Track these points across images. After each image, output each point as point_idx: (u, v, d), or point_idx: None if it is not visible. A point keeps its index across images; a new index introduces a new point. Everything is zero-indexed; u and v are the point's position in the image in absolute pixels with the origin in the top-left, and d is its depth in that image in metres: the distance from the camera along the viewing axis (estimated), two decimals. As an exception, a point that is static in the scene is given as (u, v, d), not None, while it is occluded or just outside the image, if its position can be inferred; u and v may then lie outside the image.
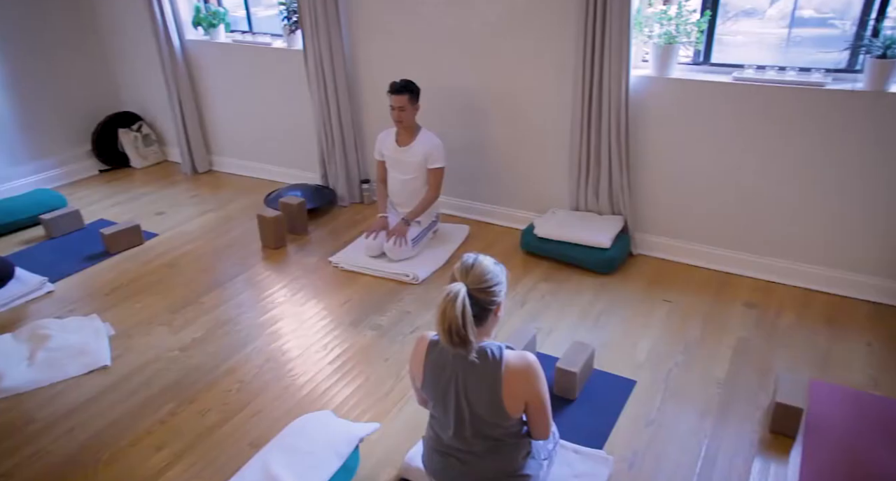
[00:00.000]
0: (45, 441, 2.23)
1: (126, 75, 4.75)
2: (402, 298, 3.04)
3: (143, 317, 2.94)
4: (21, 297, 3.07)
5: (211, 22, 4.22)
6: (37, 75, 4.29)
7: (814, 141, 2.78)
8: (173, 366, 2.61)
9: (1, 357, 2.58)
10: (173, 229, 3.83)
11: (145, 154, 4.79)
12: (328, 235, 3.70)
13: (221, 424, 2.29)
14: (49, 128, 4.43)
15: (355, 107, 3.90)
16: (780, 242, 3.02)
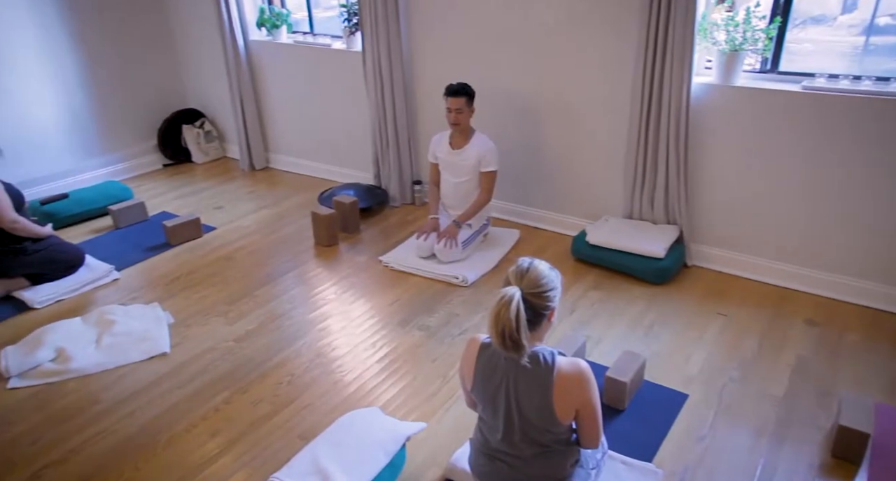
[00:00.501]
0: (109, 421, 2.33)
1: (192, 74, 4.93)
2: (451, 300, 3.05)
3: (201, 308, 3.04)
4: (90, 283, 3.23)
5: (274, 23, 4.34)
6: (112, 74, 4.49)
7: (889, 152, 2.65)
8: (228, 356, 2.69)
9: (70, 339, 2.72)
10: (230, 223, 3.95)
11: (206, 150, 4.96)
12: (379, 235, 3.75)
13: (272, 415, 2.35)
14: (120, 124, 4.63)
15: (410, 108, 3.94)
16: (847, 259, 2.89)
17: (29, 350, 2.63)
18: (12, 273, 3.10)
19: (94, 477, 2.09)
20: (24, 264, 3.10)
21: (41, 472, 2.11)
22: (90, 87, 4.40)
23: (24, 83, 4.04)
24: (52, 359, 2.62)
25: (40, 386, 2.52)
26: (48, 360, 2.61)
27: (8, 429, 2.29)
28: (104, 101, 4.50)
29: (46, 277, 3.16)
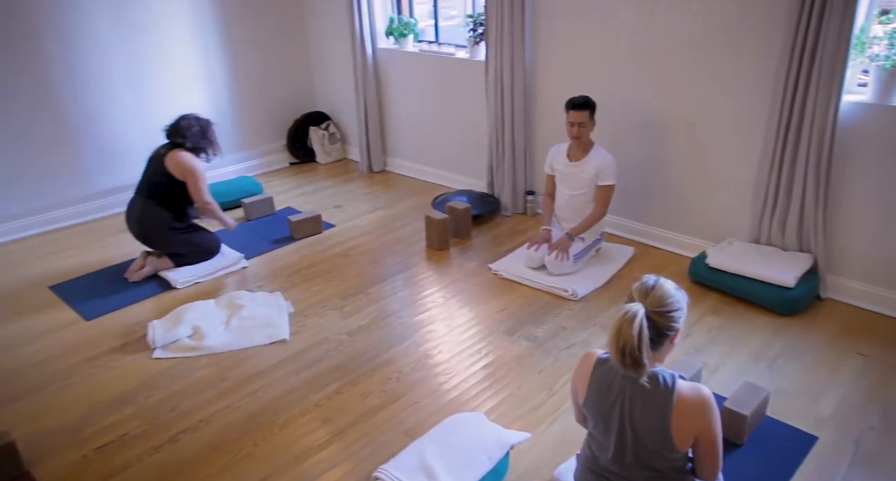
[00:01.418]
0: (234, 397, 2.53)
1: (322, 78, 5.24)
2: (560, 313, 3.02)
3: (318, 300, 3.22)
4: (223, 269, 3.51)
5: (402, 32, 4.52)
6: (253, 77, 4.87)
7: None
8: (341, 348, 2.83)
9: (205, 318, 2.97)
10: (348, 222, 4.14)
11: (329, 151, 5.24)
12: (489, 242, 3.79)
13: (380, 409, 2.44)
14: (256, 124, 5.00)
15: (529, 119, 3.95)
16: None
17: (171, 325, 2.91)
18: (162, 249, 3.44)
19: (220, 447, 2.27)
20: (171, 242, 3.42)
21: (178, 437, 2.32)
22: (234, 89, 4.79)
23: (181, 81, 4.47)
24: (189, 336, 2.88)
25: (178, 359, 2.77)
26: (186, 336, 2.87)
27: (152, 394, 2.54)
28: (245, 101, 4.88)
29: (186, 260, 3.47)
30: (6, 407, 2.49)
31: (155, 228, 3.39)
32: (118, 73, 4.14)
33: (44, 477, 2.15)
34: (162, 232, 3.40)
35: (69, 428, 2.37)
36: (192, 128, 3.39)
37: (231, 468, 2.18)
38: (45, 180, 4.00)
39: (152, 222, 3.38)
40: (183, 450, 2.26)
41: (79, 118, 4.04)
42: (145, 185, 3.40)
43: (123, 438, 2.32)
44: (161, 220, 3.39)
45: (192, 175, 3.34)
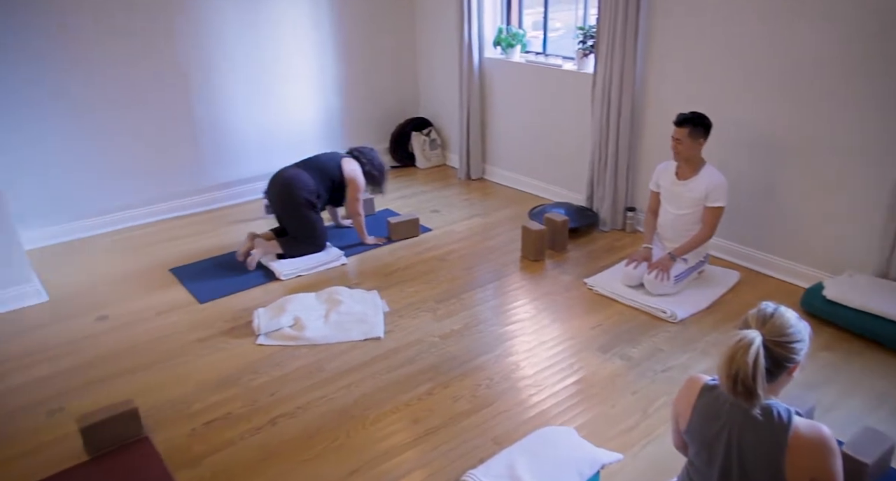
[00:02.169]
0: (329, 389, 2.63)
1: (427, 85, 5.37)
2: (657, 334, 2.92)
3: (413, 301, 3.29)
4: (324, 264, 3.67)
5: (510, 42, 4.55)
6: (362, 81, 5.07)
7: None
8: (433, 350, 2.87)
9: (306, 310, 3.11)
10: (445, 227, 4.21)
11: (429, 156, 5.35)
12: (586, 257, 3.73)
13: (469, 414, 2.46)
14: (361, 126, 5.20)
15: (635, 134, 3.86)
16: None
17: (274, 314, 3.07)
18: (285, 218, 3.66)
19: (315, 434, 2.37)
20: (298, 214, 3.62)
21: (277, 420, 2.44)
22: (344, 92, 5.00)
23: (297, 84, 4.72)
24: (290, 325, 3.02)
25: (280, 347, 2.92)
26: (288, 326, 3.02)
27: (255, 378, 2.70)
28: (353, 105, 5.08)
29: (294, 244, 3.65)
30: (129, 376, 2.72)
31: (299, 191, 3.59)
32: (240, 76, 4.43)
33: (158, 444, 2.32)
34: (300, 197, 3.59)
35: (180, 402, 2.55)
36: (375, 160, 3.91)
37: (325, 456, 2.26)
38: (170, 172, 4.34)
39: (301, 184, 3.60)
40: (281, 434, 2.37)
41: (204, 117, 4.36)
42: (314, 163, 3.72)
43: (228, 416, 2.47)
44: (309, 187, 3.62)
45: (353, 185, 3.77)
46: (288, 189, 3.62)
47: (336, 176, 3.76)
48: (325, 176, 3.73)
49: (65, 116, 3.83)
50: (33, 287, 3.31)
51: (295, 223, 3.67)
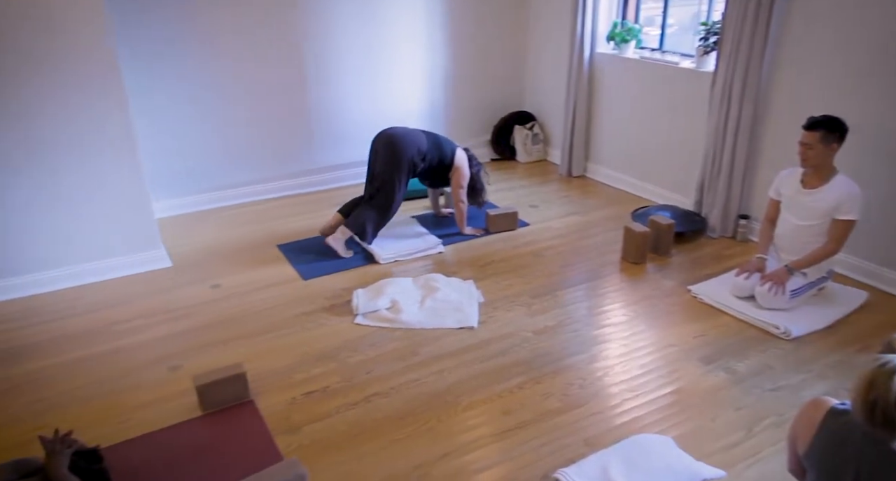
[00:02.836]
0: (422, 372, 2.68)
1: (533, 79, 5.31)
2: (767, 350, 2.76)
3: (507, 294, 3.28)
4: (421, 251, 3.73)
5: (624, 37, 4.41)
6: (468, 72, 5.09)
7: None
8: (526, 345, 2.86)
9: (403, 294, 3.18)
10: (542, 223, 4.16)
11: (530, 151, 5.31)
12: (690, 263, 3.57)
13: (561, 412, 2.43)
14: (464, 118, 5.23)
15: (755, 138, 3.64)
16: None
17: (373, 296, 3.16)
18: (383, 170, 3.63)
19: (407, 415, 2.42)
20: (396, 169, 3.60)
21: (371, 398, 2.52)
22: (450, 83, 5.05)
23: (405, 73, 4.82)
24: (387, 308, 3.11)
25: (376, 327, 3.01)
26: (385, 308, 3.10)
27: (352, 355, 2.80)
28: (458, 95, 5.12)
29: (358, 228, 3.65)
30: (238, 343, 2.90)
31: (409, 148, 3.62)
32: (353, 63, 4.57)
33: (261, 409, 2.46)
34: (408, 153, 3.61)
35: (283, 372, 2.69)
36: (481, 172, 3.99)
37: (415, 437, 2.31)
38: (283, 153, 4.56)
39: (415, 142, 3.65)
40: (375, 411, 2.45)
41: (316, 101, 4.54)
42: (432, 135, 3.80)
43: (326, 390, 2.58)
44: (420, 149, 3.66)
45: (460, 172, 3.84)
46: (401, 141, 3.64)
47: (446, 157, 3.79)
48: (437, 150, 3.75)
49: (190, 97, 4.11)
50: (160, 253, 3.60)
51: (384, 177, 3.63)
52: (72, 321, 3.05)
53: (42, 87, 3.02)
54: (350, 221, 3.67)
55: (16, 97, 2.98)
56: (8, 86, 2.95)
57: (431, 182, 4.01)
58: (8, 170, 3.07)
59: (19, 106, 3.00)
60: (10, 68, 2.93)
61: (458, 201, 3.89)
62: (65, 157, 3.18)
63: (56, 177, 3.19)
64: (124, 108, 3.24)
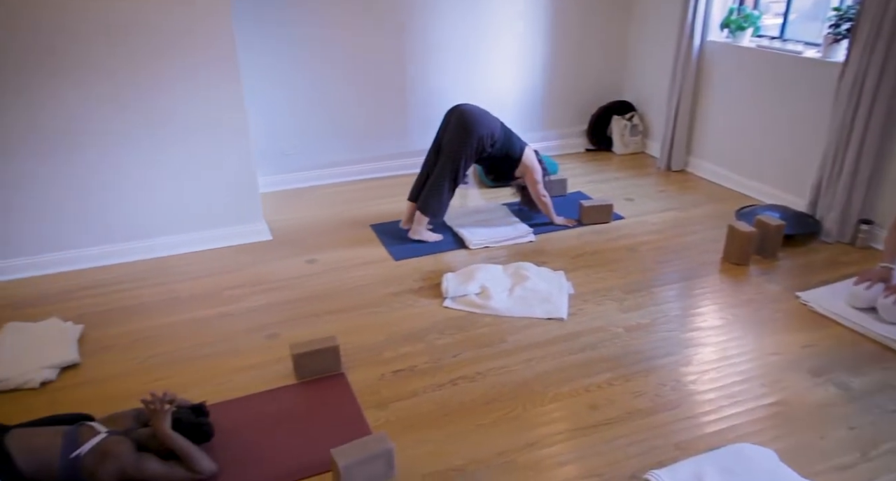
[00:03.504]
0: (509, 360, 2.66)
1: (635, 67, 5.11)
2: (889, 367, 2.54)
3: (598, 288, 3.20)
4: (512, 239, 3.70)
5: (740, 25, 4.15)
6: (568, 59, 4.97)
7: None
8: (616, 341, 2.78)
9: (492, 281, 3.17)
10: (638, 217, 4.02)
11: (628, 142, 5.13)
12: (800, 268, 3.34)
13: (651, 413, 2.34)
14: (561, 105, 5.12)
15: (886, 137, 3.33)
16: None
17: (462, 280, 3.17)
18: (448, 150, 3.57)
19: (492, 401, 2.42)
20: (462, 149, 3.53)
21: (457, 381, 2.54)
22: (549, 69, 4.95)
23: (504, 57, 4.77)
24: (476, 293, 3.10)
25: (465, 312, 3.01)
26: (474, 293, 3.10)
27: (440, 338, 2.82)
28: (556, 82, 5.02)
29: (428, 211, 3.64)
30: (330, 316, 2.99)
31: (482, 127, 3.54)
32: (453, 47, 4.57)
33: (351, 382, 2.53)
34: (480, 131, 3.52)
35: (373, 348, 2.75)
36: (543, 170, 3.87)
37: (500, 424, 2.31)
38: (378, 135, 4.64)
39: (490, 123, 3.59)
40: (461, 394, 2.46)
41: (414, 84, 4.58)
42: (507, 128, 3.72)
43: (413, 369, 2.62)
44: (494, 132, 3.59)
45: (532, 170, 3.75)
46: (477, 118, 3.57)
47: (515, 152, 3.71)
48: (507, 141, 3.68)
49: (295, 77, 4.26)
50: (262, 227, 3.77)
51: (451, 150, 3.57)
52: (181, 285, 3.26)
53: (165, 67, 3.22)
54: (420, 205, 3.69)
55: (142, 77, 3.19)
56: (135, 66, 3.16)
57: (495, 175, 3.94)
58: (130, 144, 3.30)
59: (144, 85, 3.21)
60: (140, 49, 3.14)
61: (540, 196, 3.80)
62: (182, 133, 3.38)
63: (173, 152, 3.40)
64: (239, 89, 3.40)
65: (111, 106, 3.20)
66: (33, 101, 3.06)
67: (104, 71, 3.13)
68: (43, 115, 3.10)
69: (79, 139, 3.20)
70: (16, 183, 3.17)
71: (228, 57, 3.31)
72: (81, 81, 3.11)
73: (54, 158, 3.19)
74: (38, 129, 3.12)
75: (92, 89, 3.14)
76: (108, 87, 3.16)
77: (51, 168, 3.21)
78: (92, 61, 3.09)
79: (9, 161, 3.12)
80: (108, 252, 3.45)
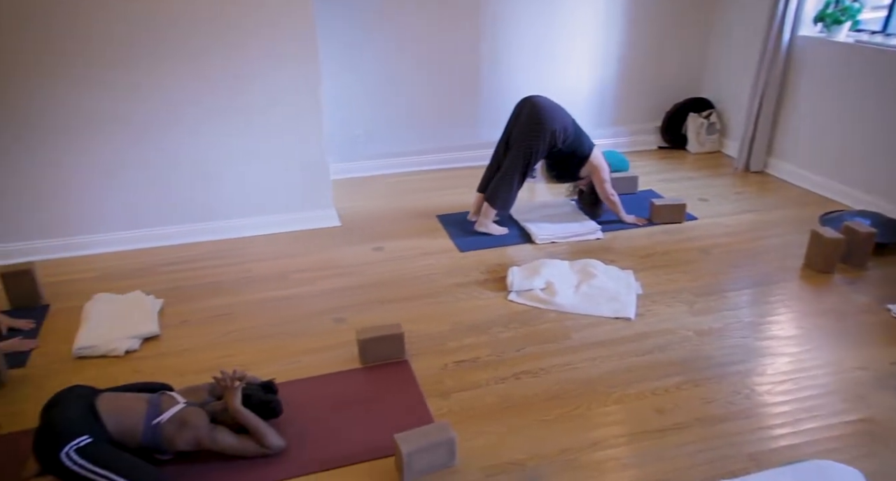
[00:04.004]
0: (574, 357, 2.62)
1: (715, 63, 4.91)
2: None
3: (668, 289, 3.10)
4: (579, 236, 3.64)
5: (837, 18, 3.92)
6: (643, 54, 4.82)
7: None
8: (686, 344, 2.69)
9: (558, 277, 3.13)
10: (712, 218, 3.87)
11: (703, 141, 4.94)
12: (891, 279, 3.13)
13: (722, 420, 2.26)
14: (634, 101, 4.98)
15: None
16: None
17: (528, 274, 3.14)
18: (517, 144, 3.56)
19: (556, 398, 2.39)
20: (531, 141, 3.50)
21: (520, 375, 2.52)
22: (624, 64, 4.82)
23: (579, 51, 4.68)
24: (542, 288, 3.07)
25: (529, 306, 2.99)
26: (539, 288, 3.07)
27: (503, 331, 2.81)
28: (630, 77, 4.88)
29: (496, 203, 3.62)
30: (395, 304, 3.03)
31: (553, 122, 3.49)
32: (528, 35, 4.51)
33: (414, 370, 2.56)
34: (552, 124, 3.47)
35: (436, 338, 2.77)
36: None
37: (563, 421, 2.28)
38: (448, 125, 4.65)
39: (564, 117, 3.55)
40: (523, 389, 2.44)
41: (488, 75, 4.55)
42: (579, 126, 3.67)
43: (476, 361, 2.62)
44: (566, 127, 3.53)
45: (600, 170, 3.67)
46: (550, 111, 3.52)
47: (583, 150, 3.64)
48: (577, 138, 3.61)
49: (368, 66, 4.31)
50: (331, 213, 3.85)
51: (522, 143, 3.53)
52: (255, 265, 3.38)
53: (249, 56, 3.33)
54: (489, 196, 3.66)
55: (228, 62, 3.31)
56: (222, 52, 3.28)
57: (559, 173, 3.85)
58: (211, 127, 3.44)
59: (225, 73, 3.33)
60: (226, 35, 3.25)
61: (608, 195, 3.71)
62: (259, 119, 3.49)
63: (250, 137, 3.51)
64: (317, 79, 3.48)
65: (199, 91, 3.34)
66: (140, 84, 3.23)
67: (193, 56, 3.26)
68: (142, 100, 3.27)
69: (167, 125, 3.36)
70: (110, 165, 3.36)
71: (309, 45, 3.39)
72: (171, 68, 3.25)
73: (144, 143, 3.36)
74: (133, 115, 3.28)
75: (182, 74, 3.28)
76: (195, 72, 3.30)
77: (140, 151, 3.37)
78: (183, 48, 3.23)
79: (105, 142, 3.30)
80: (186, 231, 3.61)
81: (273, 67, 3.39)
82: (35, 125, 3.18)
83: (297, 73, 3.43)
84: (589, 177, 3.74)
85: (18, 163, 3.23)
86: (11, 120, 3.14)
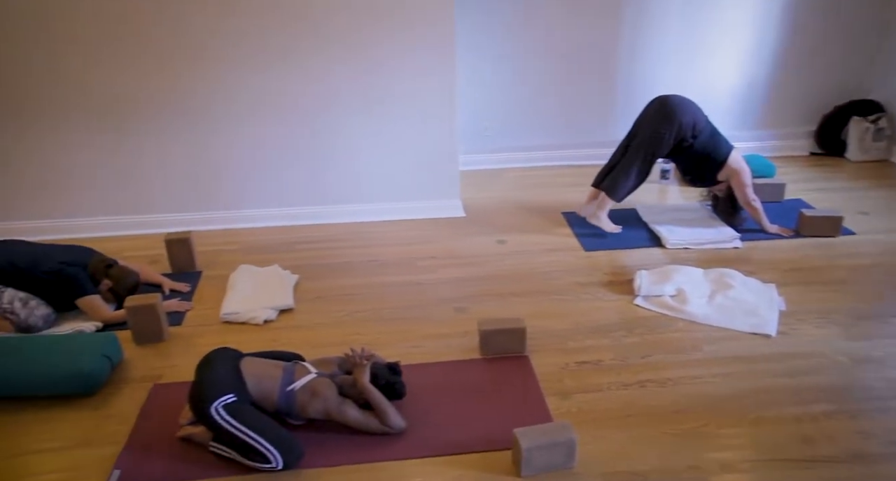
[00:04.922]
0: (703, 371, 2.46)
1: (887, 62, 4.39)
2: None
3: (818, 309, 2.83)
4: (716, 243, 3.41)
5: None
6: (803, 50, 4.40)
7: None
8: (837, 370, 2.44)
9: (691, 285, 2.95)
10: (873, 234, 3.48)
11: (868, 148, 4.45)
12: None
13: (884, 460, 2.02)
14: (784, 102, 4.58)
15: None
16: None
17: (658, 279, 2.99)
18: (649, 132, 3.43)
19: (682, 411, 2.25)
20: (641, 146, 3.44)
21: (645, 384, 2.40)
22: (777, 61, 4.44)
23: (728, 47, 4.37)
24: (672, 295, 2.91)
25: (656, 313, 2.84)
26: (669, 295, 2.91)
27: (627, 336, 2.70)
28: (783, 77, 4.49)
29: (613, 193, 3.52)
30: (516, 298, 3.00)
31: (686, 112, 3.37)
32: (672, 31, 4.28)
33: (534, 366, 2.52)
34: (681, 120, 3.34)
35: (558, 336, 2.71)
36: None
37: (691, 437, 2.14)
38: (580, 122, 4.53)
39: (696, 112, 3.41)
40: (648, 398, 2.33)
41: (626, 71, 4.38)
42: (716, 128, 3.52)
43: (599, 363, 2.53)
44: (699, 123, 3.39)
45: (740, 174, 3.44)
46: (680, 104, 3.38)
47: (720, 152, 3.42)
48: (711, 139, 3.42)
49: (502, 58, 4.29)
50: (457, 203, 3.90)
51: (648, 137, 3.39)
52: (383, 249, 3.49)
53: (387, 47, 3.43)
54: (608, 183, 3.54)
55: (366, 55, 3.44)
56: (361, 46, 3.41)
57: (692, 176, 3.62)
58: (345, 114, 3.58)
59: (367, 63, 3.46)
60: (369, 27, 3.37)
61: (750, 201, 3.45)
62: (395, 108, 3.59)
63: (385, 125, 3.63)
64: (452, 71, 3.53)
65: (352, 83, 3.49)
66: (292, 70, 3.45)
67: (342, 43, 3.41)
68: (301, 92, 3.49)
69: (321, 111, 3.56)
70: (256, 145, 3.61)
71: (446, 41, 3.44)
72: (329, 62, 3.43)
73: (287, 126, 3.58)
74: (282, 100, 3.51)
75: (338, 67, 3.45)
76: (351, 66, 3.46)
77: (284, 132, 3.60)
78: (338, 43, 3.39)
79: (253, 124, 3.56)
80: (320, 212, 3.80)
81: (412, 59, 3.47)
82: (205, 112, 3.50)
83: (435, 73, 3.51)
84: (727, 181, 3.50)
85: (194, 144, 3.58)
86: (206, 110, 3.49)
